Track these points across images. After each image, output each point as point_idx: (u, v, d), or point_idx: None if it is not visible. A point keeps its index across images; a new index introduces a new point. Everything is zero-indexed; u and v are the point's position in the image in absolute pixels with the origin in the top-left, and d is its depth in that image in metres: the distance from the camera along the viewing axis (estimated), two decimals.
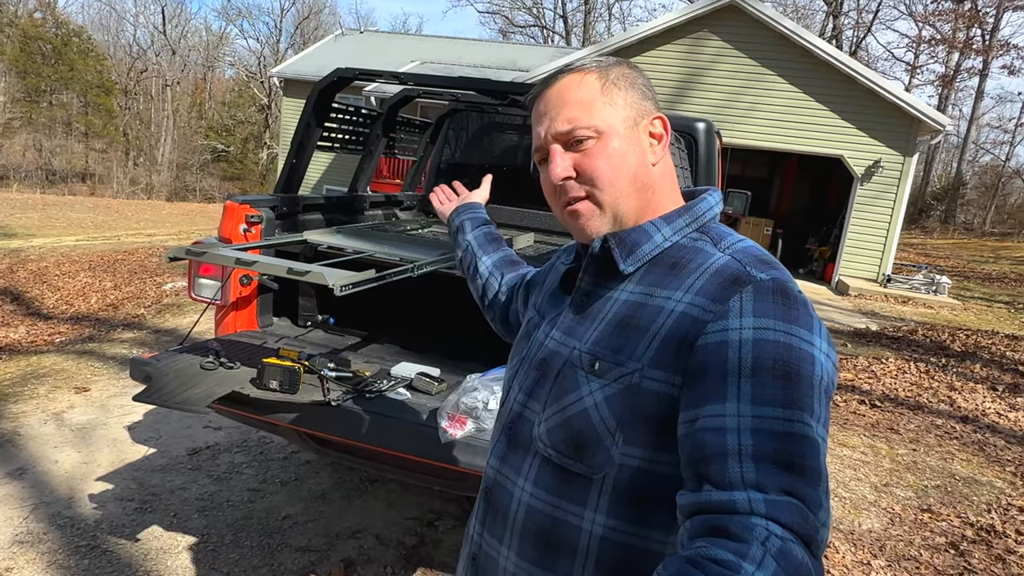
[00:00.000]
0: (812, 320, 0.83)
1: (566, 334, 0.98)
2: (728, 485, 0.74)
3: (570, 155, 0.96)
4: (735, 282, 0.85)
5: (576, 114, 0.94)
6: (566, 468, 0.92)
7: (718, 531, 0.71)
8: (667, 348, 0.85)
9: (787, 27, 12.01)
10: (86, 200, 24.51)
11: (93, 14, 42.54)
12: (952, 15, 28.59)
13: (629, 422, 0.87)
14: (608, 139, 0.94)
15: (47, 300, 8.33)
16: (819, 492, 0.74)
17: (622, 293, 0.94)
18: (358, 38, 22.63)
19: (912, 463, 4.63)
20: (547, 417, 0.95)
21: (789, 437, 0.75)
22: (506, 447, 1.01)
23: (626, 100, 0.96)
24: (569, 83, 0.96)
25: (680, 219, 0.97)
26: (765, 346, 0.79)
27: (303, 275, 1.94)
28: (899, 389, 6.22)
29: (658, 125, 0.98)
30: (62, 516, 3.05)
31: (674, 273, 0.91)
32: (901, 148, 11.97)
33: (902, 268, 13.49)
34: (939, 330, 8.89)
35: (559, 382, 0.95)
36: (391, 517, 3.29)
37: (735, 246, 0.92)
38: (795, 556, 0.68)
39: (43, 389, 4.50)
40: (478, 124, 4.33)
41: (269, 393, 2.12)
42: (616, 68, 0.97)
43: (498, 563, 0.99)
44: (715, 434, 0.77)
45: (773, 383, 0.77)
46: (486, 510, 1.03)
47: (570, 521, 0.91)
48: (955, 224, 27.81)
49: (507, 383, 1.09)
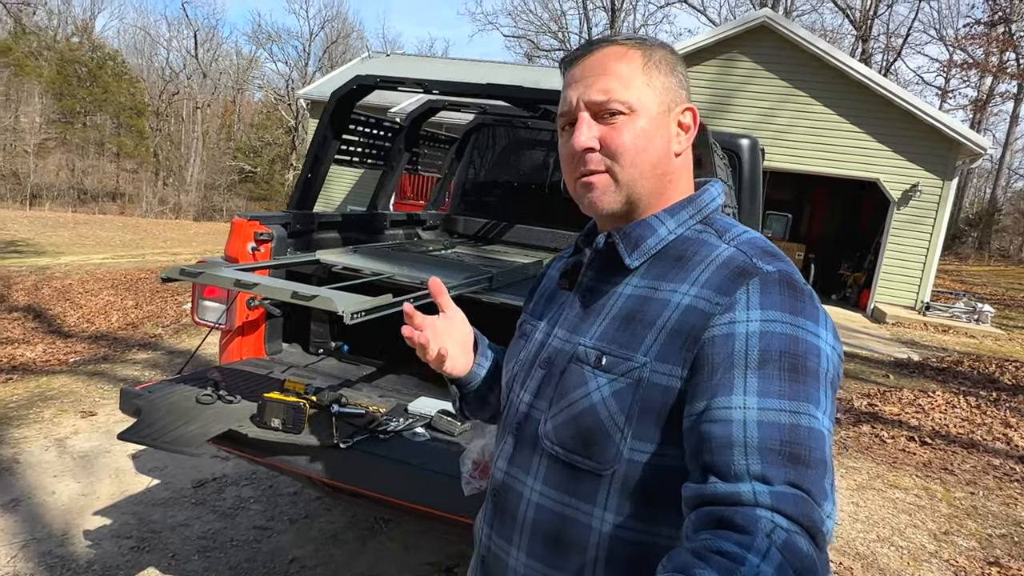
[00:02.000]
0: (818, 312, 0.83)
1: (570, 331, 0.97)
2: (734, 477, 0.73)
3: (597, 126, 0.92)
4: (741, 274, 0.85)
5: (614, 86, 0.91)
6: (574, 465, 0.91)
7: (723, 523, 0.70)
8: (674, 341, 0.85)
9: (820, 47, 11.73)
10: (115, 219, 24.80)
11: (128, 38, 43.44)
12: (985, 39, 28.05)
13: (637, 416, 0.86)
14: (639, 118, 0.91)
15: (68, 318, 8.25)
16: (825, 484, 0.74)
17: (627, 287, 0.94)
18: (384, 60, 22.76)
19: (972, 508, 4.26)
20: (553, 415, 0.94)
21: (795, 429, 0.75)
22: (513, 447, 1.00)
23: (664, 84, 0.94)
24: (612, 54, 0.93)
25: (684, 211, 0.96)
26: (772, 338, 0.79)
27: (309, 300, 1.70)
28: (950, 425, 5.83)
29: (688, 116, 0.96)
30: (53, 555, 2.82)
31: (679, 266, 0.91)
32: (940, 171, 11.56)
33: (940, 295, 12.98)
34: (986, 361, 8.44)
35: (565, 378, 0.93)
36: (407, 562, 3.02)
37: (740, 237, 0.92)
38: (800, 548, 0.67)
39: (49, 412, 4.32)
40: (506, 139, 4.11)
41: (270, 432, 1.88)
42: (660, 50, 0.95)
43: (507, 564, 0.97)
44: (721, 426, 0.76)
45: (780, 375, 0.77)
46: (494, 512, 1.01)
47: (579, 519, 0.90)
48: (990, 251, 27.08)
49: (507, 386, 1.07)
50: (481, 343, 1.18)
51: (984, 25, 28.09)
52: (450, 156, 4.15)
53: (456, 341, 1.12)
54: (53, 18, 36.65)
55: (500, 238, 3.98)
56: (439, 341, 1.07)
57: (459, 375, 1.14)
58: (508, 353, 1.11)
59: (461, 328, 1.14)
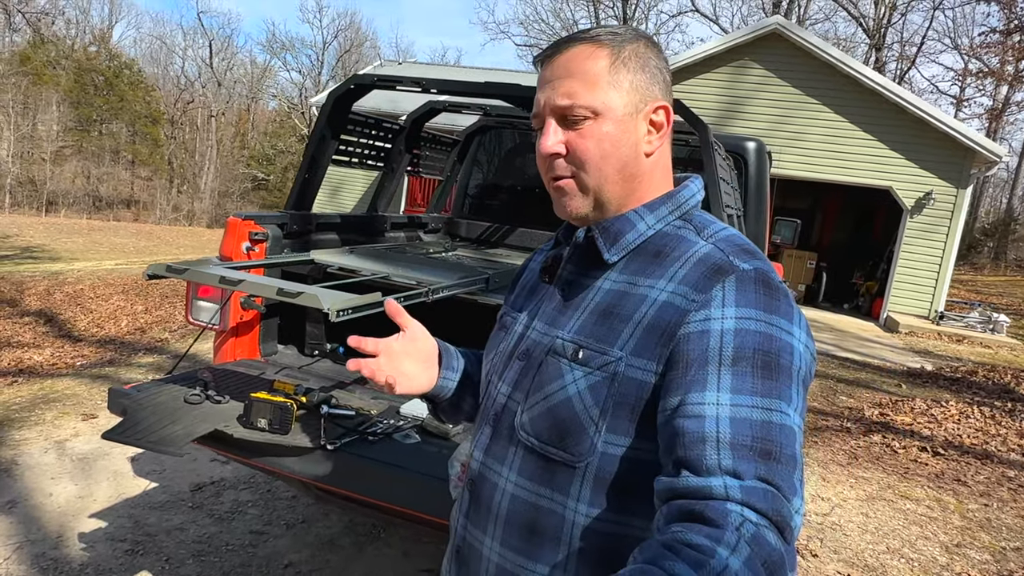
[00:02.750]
0: (792, 311, 0.84)
1: (548, 324, 0.97)
2: (705, 471, 0.74)
3: (564, 131, 0.92)
4: (718, 272, 0.85)
5: (577, 89, 0.90)
6: (549, 457, 0.91)
7: (694, 516, 0.71)
8: (650, 337, 0.85)
9: (832, 55, 11.66)
10: (130, 226, 25.02)
11: (145, 47, 43.85)
12: (1000, 48, 27.82)
13: (612, 410, 0.86)
14: (604, 122, 0.90)
15: (78, 322, 8.29)
16: (794, 479, 0.75)
17: (605, 282, 0.94)
18: (397, 69, 22.87)
19: (986, 520, 4.15)
20: (530, 406, 0.94)
21: (767, 425, 0.75)
22: (489, 438, 1.00)
23: (632, 83, 0.91)
24: (578, 53, 0.91)
25: (663, 207, 0.96)
26: (746, 336, 0.80)
27: (294, 297, 1.66)
28: (963, 436, 5.71)
29: (660, 114, 0.93)
30: (47, 557, 2.80)
31: (657, 262, 0.91)
32: (954, 180, 11.43)
33: (954, 305, 12.80)
34: (1001, 371, 8.30)
35: (542, 371, 0.93)
36: (404, 568, 2.97)
37: (718, 235, 0.92)
38: (768, 542, 0.68)
39: (50, 415, 4.31)
40: (509, 142, 4.07)
41: (256, 433, 1.84)
42: (630, 45, 0.92)
43: (482, 554, 0.98)
44: (694, 421, 0.77)
45: (753, 372, 0.78)
46: (470, 502, 1.02)
47: (553, 510, 0.90)
48: (1006, 261, 26.76)
49: (485, 378, 1.07)
50: (446, 355, 1.16)
51: (1000, 33, 27.87)
52: (452, 158, 4.12)
53: (417, 359, 1.10)
54: (71, 28, 37.20)
55: (503, 242, 3.94)
56: (394, 365, 1.06)
57: (423, 392, 1.12)
58: (488, 345, 1.12)
59: (423, 344, 1.12)
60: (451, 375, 1.15)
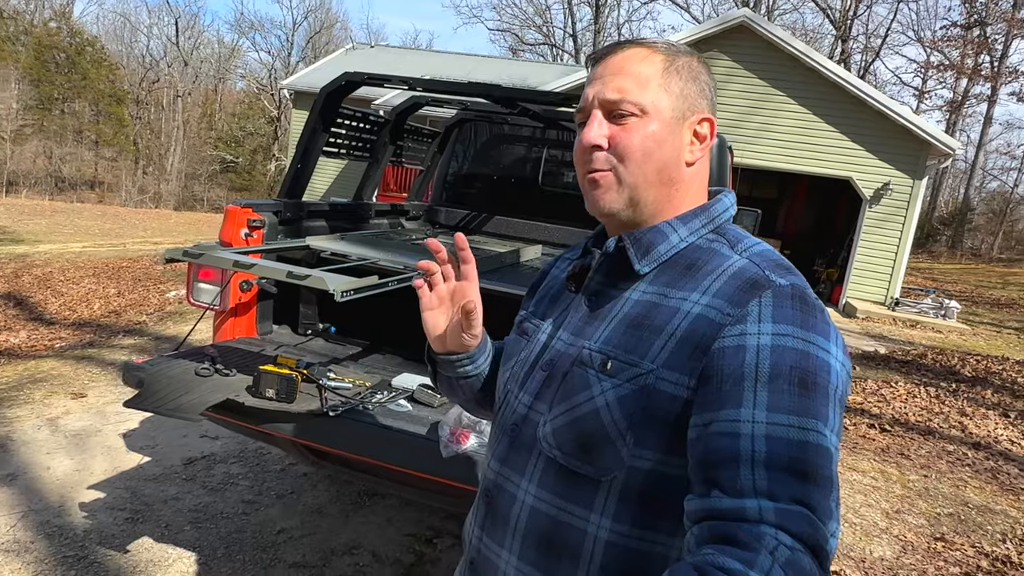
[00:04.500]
0: (829, 328, 0.83)
1: (574, 334, 0.95)
2: (739, 492, 0.73)
3: (608, 125, 0.92)
4: (754, 286, 0.84)
5: (629, 86, 0.91)
6: (572, 470, 0.89)
7: (727, 539, 0.70)
8: (683, 350, 0.84)
9: (797, 48, 12.00)
10: (94, 208, 24.58)
11: (108, 24, 42.78)
12: (961, 41, 28.64)
13: (641, 423, 0.85)
14: (650, 121, 0.91)
15: (50, 305, 8.28)
16: (830, 502, 0.73)
17: (634, 293, 0.92)
18: (369, 52, 22.75)
19: (924, 490, 4.51)
20: (553, 417, 0.92)
21: (803, 445, 0.74)
22: (508, 449, 0.98)
23: (682, 91, 0.93)
24: (634, 55, 0.93)
25: (696, 220, 0.95)
26: (783, 353, 0.78)
27: (303, 279, 1.87)
28: (909, 414, 6.10)
29: (705, 127, 0.95)
30: (51, 524, 2.97)
31: (690, 274, 0.90)
32: (910, 171, 11.90)
33: (910, 292, 13.35)
34: (949, 355, 8.77)
35: (567, 382, 0.92)
36: (389, 534, 3.19)
37: (752, 249, 0.91)
38: (803, 566, 0.67)
39: (39, 394, 4.43)
40: (487, 134, 4.28)
41: (265, 402, 2.04)
42: (685, 57, 0.95)
43: (498, 567, 0.96)
44: (729, 439, 0.75)
45: (790, 390, 0.76)
46: (486, 513, 0.99)
47: (574, 524, 0.89)
48: (962, 249, 27.66)
49: (504, 385, 1.04)
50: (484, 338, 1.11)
51: (960, 27, 28.69)
52: (432, 149, 4.32)
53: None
54: (30, 2, 36.11)
55: (481, 229, 4.16)
56: (465, 296, 1.02)
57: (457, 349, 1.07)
58: (507, 351, 1.08)
59: (474, 294, 1.04)
60: (485, 350, 1.12)
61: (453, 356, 1.08)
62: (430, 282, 1.03)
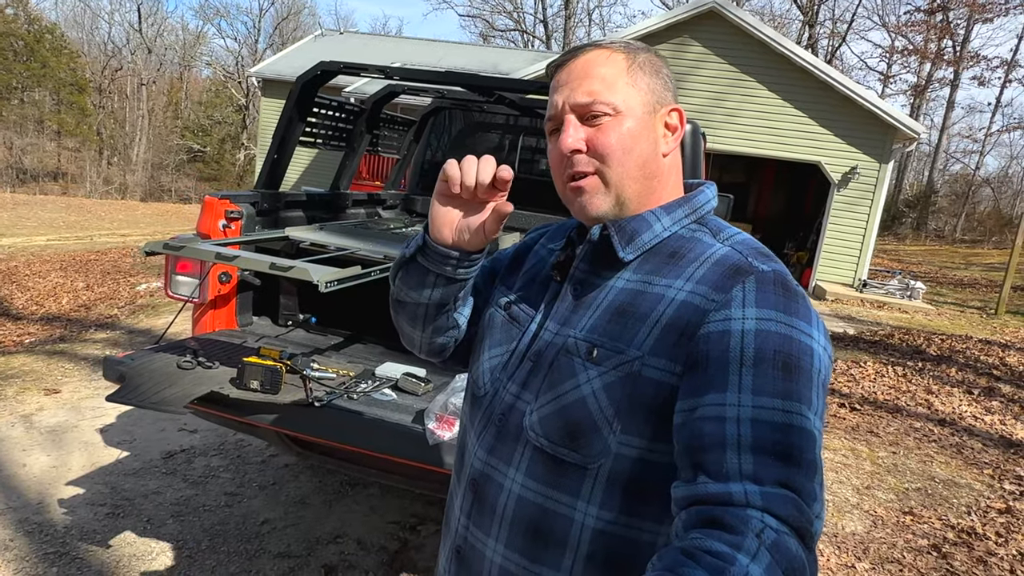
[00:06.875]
0: (811, 313, 0.84)
1: (560, 323, 0.96)
2: (724, 476, 0.74)
3: (584, 129, 0.93)
4: (737, 272, 0.86)
5: (598, 88, 0.92)
6: (559, 458, 0.90)
7: (714, 522, 0.71)
8: (668, 336, 0.85)
9: (766, 34, 12.12)
10: (58, 200, 23.99)
11: (67, 10, 41.58)
12: (924, 26, 29.13)
13: (628, 411, 0.86)
14: (624, 119, 0.92)
15: (16, 300, 8.11)
16: (814, 484, 0.74)
17: (619, 281, 0.94)
18: (338, 39, 22.45)
19: (892, 466, 4.65)
20: (540, 406, 0.93)
21: (788, 429, 0.75)
22: (495, 438, 0.98)
23: (649, 85, 0.95)
24: (596, 57, 0.94)
25: (679, 210, 0.97)
26: (767, 337, 0.79)
27: (286, 270, 1.87)
28: (878, 392, 6.27)
29: (674, 117, 0.97)
30: (30, 522, 2.94)
31: (673, 262, 0.91)
32: (877, 155, 12.12)
33: (877, 274, 13.64)
34: (915, 334, 8.99)
35: (554, 370, 0.93)
36: (373, 522, 3.22)
37: (734, 237, 0.93)
38: (790, 548, 0.69)
39: (11, 391, 4.36)
40: (462, 122, 4.28)
41: (249, 393, 2.05)
42: (644, 53, 0.97)
43: (484, 555, 0.97)
44: (714, 423, 0.76)
45: (774, 374, 0.77)
46: (472, 502, 1.00)
47: (562, 512, 0.90)
48: (927, 231, 28.27)
49: (491, 373, 1.02)
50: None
51: (923, 12, 29.16)
52: (408, 138, 4.30)
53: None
54: None
55: None
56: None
57: (471, 247, 0.99)
58: (494, 335, 1.06)
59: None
60: (475, 270, 1.04)
61: (455, 251, 0.99)
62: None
